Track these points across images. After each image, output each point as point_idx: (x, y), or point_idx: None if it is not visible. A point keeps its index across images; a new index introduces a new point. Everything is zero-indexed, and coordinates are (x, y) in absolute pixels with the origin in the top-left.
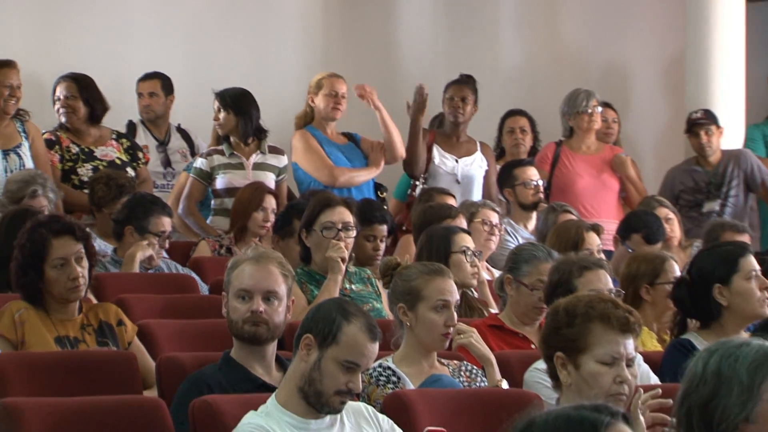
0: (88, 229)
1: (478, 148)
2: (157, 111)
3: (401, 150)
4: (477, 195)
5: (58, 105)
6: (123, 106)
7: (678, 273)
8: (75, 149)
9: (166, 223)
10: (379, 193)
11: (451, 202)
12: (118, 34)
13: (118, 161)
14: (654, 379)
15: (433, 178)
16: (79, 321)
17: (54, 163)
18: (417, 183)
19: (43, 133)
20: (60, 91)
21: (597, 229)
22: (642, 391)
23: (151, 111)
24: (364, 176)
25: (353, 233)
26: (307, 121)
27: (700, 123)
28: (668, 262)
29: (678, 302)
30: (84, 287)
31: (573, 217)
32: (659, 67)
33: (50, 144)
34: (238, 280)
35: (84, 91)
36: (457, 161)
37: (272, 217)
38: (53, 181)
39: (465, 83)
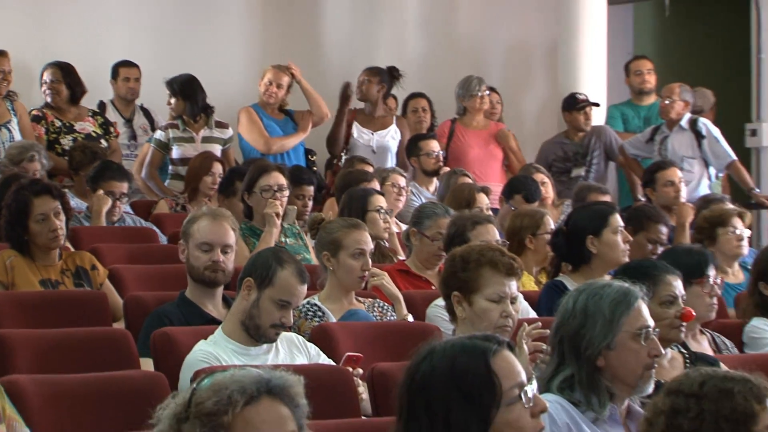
0: (64, 189)
1: (394, 122)
2: (137, 93)
3: (325, 109)
4: (391, 161)
5: (44, 87)
6: (95, 88)
7: (552, 226)
8: (58, 123)
9: (115, 186)
10: (309, 156)
11: (369, 168)
12: (93, 27)
13: (93, 134)
14: (532, 314)
15: (352, 150)
16: (60, 266)
17: (40, 135)
18: (342, 154)
19: (32, 111)
20: (46, 76)
21: (486, 190)
22: (526, 324)
23: (135, 93)
24: (293, 141)
25: (287, 193)
26: None
27: (587, 103)
28: (545, 217)
29: (555, 249)
30: (63, 237)
31: (469, 181)
32: (536, 56)
33: (37, 119)
34: (200, 234)
35: (67, 77)
36: (372, 134)
37: (219, 180)
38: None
39: (369, 69)
